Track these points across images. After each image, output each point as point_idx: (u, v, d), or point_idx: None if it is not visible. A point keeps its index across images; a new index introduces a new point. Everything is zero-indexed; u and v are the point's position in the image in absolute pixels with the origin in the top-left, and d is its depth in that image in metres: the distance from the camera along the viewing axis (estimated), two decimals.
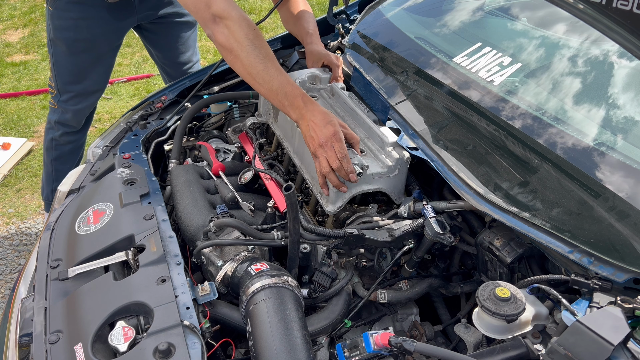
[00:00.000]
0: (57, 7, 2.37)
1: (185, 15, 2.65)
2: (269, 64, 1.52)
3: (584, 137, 1.30)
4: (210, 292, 1.27)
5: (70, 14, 2.36)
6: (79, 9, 2.34)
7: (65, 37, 2.41)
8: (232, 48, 1.53)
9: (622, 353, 0.97)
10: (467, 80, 1.57)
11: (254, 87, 1.57)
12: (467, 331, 1.27)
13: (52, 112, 2.69)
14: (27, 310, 1.30)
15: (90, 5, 2.34)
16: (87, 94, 2.60)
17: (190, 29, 2.73)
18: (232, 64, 1.56)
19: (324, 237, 1.40)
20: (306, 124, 1.47)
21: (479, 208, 1.33)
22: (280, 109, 1.56)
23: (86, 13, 2.36)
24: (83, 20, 2.37)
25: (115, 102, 4.47)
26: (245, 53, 1.52)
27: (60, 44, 2.44)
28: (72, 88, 2.56)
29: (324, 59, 1.94)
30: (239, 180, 1.70)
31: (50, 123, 2.72)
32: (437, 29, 1.85)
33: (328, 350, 1.33)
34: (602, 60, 1.44)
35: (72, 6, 2.34)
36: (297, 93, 1.51)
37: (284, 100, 1.51)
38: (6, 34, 5.48)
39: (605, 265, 1.11)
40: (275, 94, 1.52)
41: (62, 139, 2.73)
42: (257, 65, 1.52)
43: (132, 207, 1.49)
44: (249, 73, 1.54)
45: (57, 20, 2.40)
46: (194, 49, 2.81)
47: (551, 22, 1.62)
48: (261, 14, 6.04)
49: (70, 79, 2.53)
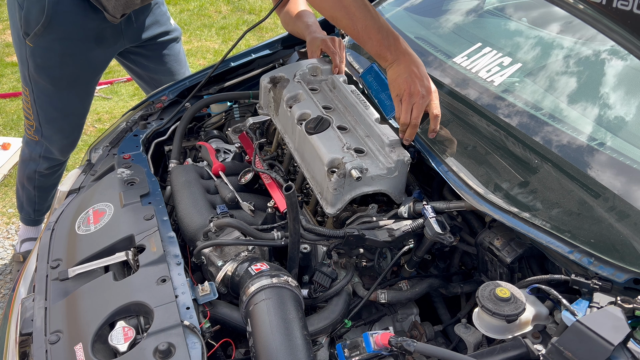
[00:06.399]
0: (39, 45, 2.14)
1: (171, 32, 2.52)
2: (371, 6, 1.49)
3: (583, 137, 1.30)
4: (210, 292, 1.27)
5: (55, 51, 2.16)
6: (65, 45, 2.16)
7: (49, 75, 2.23)
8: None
9: (622, 353, 0.97)
10: (467, 80, 1.57)
11: (351, 21, 1.47)
12: (467, 331, 1.27)
13: (34, 145, 2.51)
14: (27, 310, 1.30)
15: (77, 39, 2.17)
16: (73, 127, 2.47)
17: (177, 42, 2.59)
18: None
19: (324, 237, 1.40)
20: (407, 66, 1.44)
21: (479, 208, 1.33)
22: (372, 49, 1.49)
23: (73, 48, 2.18)
24: (69, 56, 2.20)
25: (115, 102, 4.47)
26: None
27: (43, 82, 2.25)
28: (59, 124, 2.41)
29: (322, 46, 1.86)
30: (239, 181, 1.70)
31: (32, 155, 2.55)
32: (437, 29, 1.85)
33: (328, 350, 1.33)
34: (602, 61, 1.44)
35: (57, 43, 2.15)
36: (398, 36, 1.48)
37: (385, 39, 1.46)
38: (6, 34, 5.47)
39: (605, 265, 1.11)
40: (376, 32, 1.45)
41: (47, 170, 2.62)
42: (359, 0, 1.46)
43: (132, 207, 1.49)
44: (346, 6, 1.46)
45: (39, 59, 2.19)
46: (185, 63, 2.67)
47: (551, 22, 1.62)
48: (261, 14, 6.04)
49: (56, 115, 2.37)
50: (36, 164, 2.58)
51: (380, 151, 1.51)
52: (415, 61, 1.46)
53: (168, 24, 2.52)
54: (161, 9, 2.47)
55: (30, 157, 2.57)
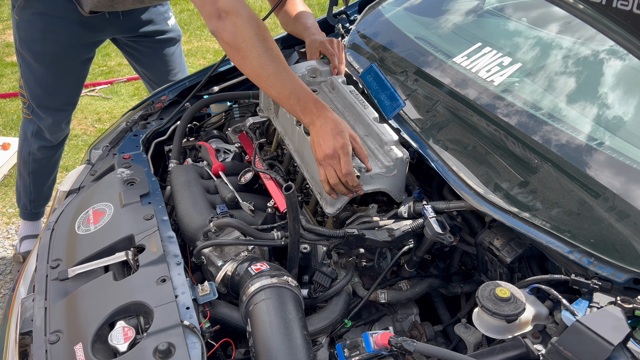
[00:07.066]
0: (23, 18, 2.21)
1: (167, 32, 2.53)
2: (281, 66, 1.48)
3: (583, 137, 1.30)
4: (210, 292, 1.27)
5: (36, 25, 2.20)
6: (47, 20, 2.19)
7: (31, 49, 2.27)
8: (240, 47, 1.47)
9: (622, 353, 0.97)
10: (467, 80, 1.57)
11: (263, 89, 1.52)
12: (467, 331, 1.27)
13: (27, 123, 2.57)
14: (27, 310, 1.30)
15: (60, 17, 2.19)
16: (57, 108, 2.47)
17: (174, 45, 2.60)
18: (240, 64, 1.51)
19: (324, 237, 1.40)
20: (316, 131, 1.43)
21: (479, 208, 1.33)
22: (291, 113, 1.52)
23: (54, 25, 2.20)
24: (50, 32, 2.21)
25: (115, 102, 4.47)
26: (255, 54, 1.46)
27: (27, 56, 2.30)
28: (42, 101, 2.43)
29: (320, 48, 1.86)
30: (239, 181, 1.71)
31: (25, 135, 2.61)
32: (437, 29, 1.85)
33: (328, 350, 1.33)
34: (601, 61, 1.44)
35: (38, 17, 2.18)
36: (309, 98, 1.47)
37: (296, 105, 1.46)
38: (6, 34, 5.47)
39: (605, 265, 1.11)
40: (287, 98, 1.47)
41: (40, 152, 2.64)
42: (269, 68, 1.46)
43: (132, 207, 1.49)
44: (258, 75, 1.48)
45: (22, 32, 2.25)
46: (181, 65, 2.67)
47: (551, 22, 1.62)
48: (261, 14, 6.04)
49: (39, 91, 2.40)
50: (29, 144, 2.62)
51: (379, 150, 1.52)
52: (324, 117, 1.43)
53: (164, 24, 2.50)
54: (158, 9, 2.46)
55: (24, 137, 2.63)
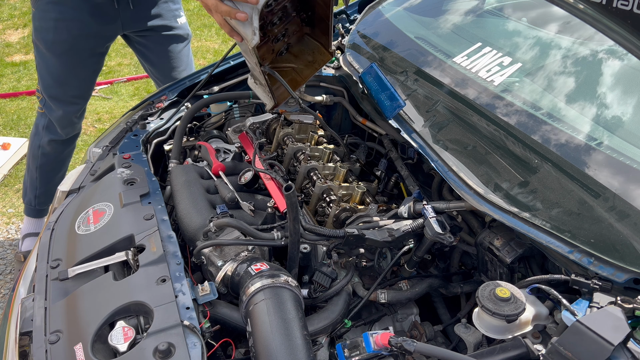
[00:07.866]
0: (38, 8, 2.32)
1: (175, 29, 2.57)
2: None
3: (583, 137, 1.30)
4: (210, 292, 1.26)
5: (50, 14, 2.31)
6: (59, 9, 2.30)
7: (44, 38, 2.36)
8: None
9: (622, 353, 0.97)
10: (467, 80, 1.57)
11: None
12: (467, 331, 1.27)
13: (40, 117, 2.64)
14: (27, 310, 1.30)
15: (71, 6, 2.29)
16: (67, 100, 2.52)
17: (181, 42, 2.64)
18: None
19: (324, 237, 1.40)
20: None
21: (479, 208, 1.33)
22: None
23: (66, 14, 2.31)
24: (62, 21, 2.32)
25: (115, 102, 4.47)
26: None
27: (41, 46, 2.39)
28: (53, 92, 2.49)
29: None
30: (239, 180, 1.70)
31: (37, 128, 2.66)
32: (437, 29, 1.84)
33: (328, 350, 1.33)
34: (601, 61, 1.44)
35: (52, 7, 2.29)
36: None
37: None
38: (6, 34, 5.48)
39: (605, 265, 1.11)
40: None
41: (49, 147, 2.67)
42: None
43: (132, 207, 1.48)
44: None
45: (37, 21, 2.36)
46: (187, 63, 2.71)
47: (551, 22, 1.62)
48: None
49: (50, 82, 2.48)
50: (40, 137, 2.67)
51: None
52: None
53: (173, 20, 2.54)
54: (168, 5, 2.50)
55: (36, 130, 2.68)
